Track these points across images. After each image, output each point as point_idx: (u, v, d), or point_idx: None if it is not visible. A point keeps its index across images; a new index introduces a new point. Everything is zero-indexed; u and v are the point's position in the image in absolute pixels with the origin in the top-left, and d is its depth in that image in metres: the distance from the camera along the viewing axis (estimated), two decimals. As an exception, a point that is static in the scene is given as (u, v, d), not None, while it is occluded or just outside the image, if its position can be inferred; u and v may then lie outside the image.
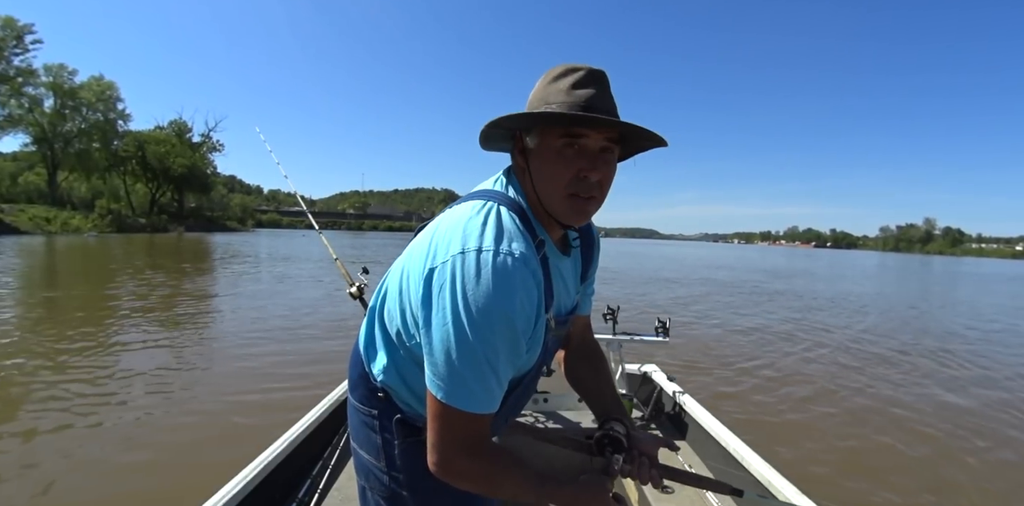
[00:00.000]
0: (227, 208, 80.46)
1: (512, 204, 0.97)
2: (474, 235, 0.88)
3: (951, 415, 5.68)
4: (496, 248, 0.86)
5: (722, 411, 5.35)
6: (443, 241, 0.91)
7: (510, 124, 0.99)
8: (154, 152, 57.28)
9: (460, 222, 0.92)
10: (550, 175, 0.95)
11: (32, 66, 45.83)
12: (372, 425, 1.10)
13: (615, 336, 3.16)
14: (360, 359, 1.12)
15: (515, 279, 0.86)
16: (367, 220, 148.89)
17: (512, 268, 0.86)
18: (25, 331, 7.78)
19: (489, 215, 0.92)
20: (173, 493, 3.34)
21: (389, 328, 1.04)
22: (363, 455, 1.13)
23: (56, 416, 4.56)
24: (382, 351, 1.06)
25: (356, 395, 1.13)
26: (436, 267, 0.88)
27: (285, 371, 6.12)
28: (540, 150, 0.96)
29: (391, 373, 1.05)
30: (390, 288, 1.06)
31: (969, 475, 4.21)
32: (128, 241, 34.78)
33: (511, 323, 0.86)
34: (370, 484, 1.13)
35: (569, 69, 0.95)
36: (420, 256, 0.95)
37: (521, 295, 0.87)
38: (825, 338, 9.79)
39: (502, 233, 0.89)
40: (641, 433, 1.21)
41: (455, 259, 0.86)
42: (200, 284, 14.16)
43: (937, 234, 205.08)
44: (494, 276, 0.84)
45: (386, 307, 1.05)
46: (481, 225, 0.90)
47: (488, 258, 0.85)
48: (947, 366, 8.08)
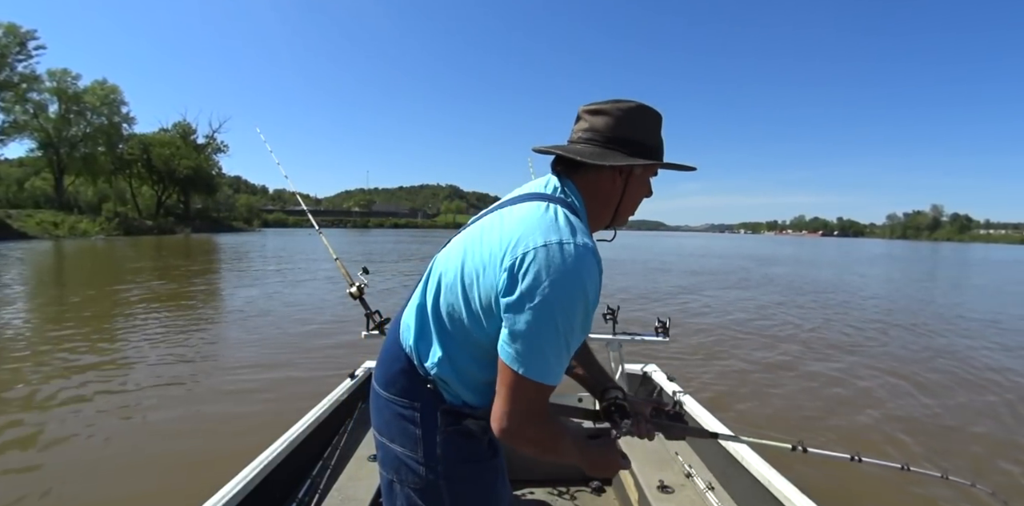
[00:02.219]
0: (233, 208, 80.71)
1: (569, 206, 1.11)
2: (552, 229, 1.01)
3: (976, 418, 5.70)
4: (574, 240, 1.00)
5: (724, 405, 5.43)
6: (523, 235, 1.02)
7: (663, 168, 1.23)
8: (159, 154, 57.37)
9: (533, 219, 1.05)
10: (638, 197, 1.24)
11: (36, 72, 45.89)
12: (411, 417, 1.15)
13: (615, 336, 3.10)
14: (403, 354, 1.17)
15: (591, 266, 1.00)
16: (372, 217, 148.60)
17: (588, 257, 1.00)
18: (47, 328, 7.92)
19: (558, 214, 1.06)
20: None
21: (446, 321, 1.12)
22: (395, 448, 1.18)
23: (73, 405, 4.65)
24: (436, 345, 1.13)
25: (394, 389, 1.18)
26: (519, 257, 0.99)
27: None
28: (641, 178, 1.20)
29: (445, 365, 1.12)
30: (446, 283, 1.12)
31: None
32: (136, 243, 34.89)
33: (588, 304, 1.00)
34: (400, 477, 1.18)
35: (659, 114, 1.20)
36: (492, 251, 1.05)
37: (596, 279, 1.01)
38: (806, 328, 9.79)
39: (575, 229, 1.03)
40: (633, 397, 1.42)
41: (539, 250, 0.98)
42: (212, 282, 14.26)
43: (945, 221, 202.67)
44: (576, 263, 0.97)
45: (442, 302, 1.12)
46: (555, 221, 1.04)
47: (570, 249, 0.98)
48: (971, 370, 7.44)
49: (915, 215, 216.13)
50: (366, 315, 2.89)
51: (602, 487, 2.86)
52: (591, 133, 1.16)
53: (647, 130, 1.17)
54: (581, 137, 1.17)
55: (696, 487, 2.43)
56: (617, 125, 1.14)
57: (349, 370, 3.27)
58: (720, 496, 2.35)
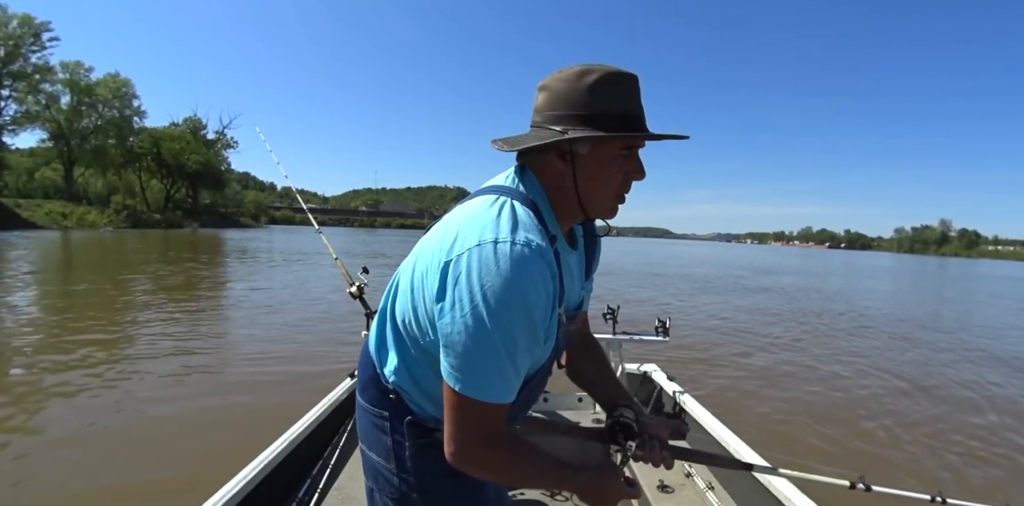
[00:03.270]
0: (241, 205, 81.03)
1: (524, 199, 0.98)
2: (490, 227, 0.89)
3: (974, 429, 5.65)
4: (513, 238, 0.87)
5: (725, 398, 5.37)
6: (458, 234, 0.91)
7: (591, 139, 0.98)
8: (169, 149, 57.70)
9: (474, 216, 0.94)
10: (605, 179, 1.00)
11: (49, 63, 46.32)
12: (383, 427, 1.09)
13: (615, 336, 3.12)
14: (371, 361, 1.12)
15: (532, 269, 0.87)
16: (379, 217, 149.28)
17: (529, 258, 0.87)
18: (58, 314, 7.94)
19: (503, 208, 0.93)
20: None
21: (400, 328, 1.04)
22: (372, 457, 1.13)
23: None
24: (393, 352, 1.06)
25: (366, 397, 1.13)
26: (452, 259, 0.89)
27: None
28: (594, 156, 0.98)
29: (403, 374, 1.06)
30: (401, 287, 1.05)
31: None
32: (143, 236, 35.14)
33: (529, 312, 0.87)
34: (379, 486, 1.13)
35: (614, 74, 0.96)
36: (433, 251, 0.95)
37: (539, 284, 0.88)
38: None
39: (518, 225, 0.90)
40: (650, 418, 1.24)
41: (472, 251, 0.87)
42: (220, 274, 14.30)
43: (953, 236, 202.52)
44: (512, 266, 0.85)
45: (397, 307, 1.05)
46: (496, 217, 0.91)
47: (505, 249, 0.86)
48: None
49: (923, 229, 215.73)
50: (366, 315, 2.91)
51: None
52: (535, 114, 1.02)
53: (590, 97, 0.95)
54: (532, 120, 1.04)
55: (696, 487, 2.47)
56: (554, 99, 0.98)
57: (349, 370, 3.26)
58: (720, 496, 2.38)
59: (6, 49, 41.72)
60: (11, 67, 42.37)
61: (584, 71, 0.96)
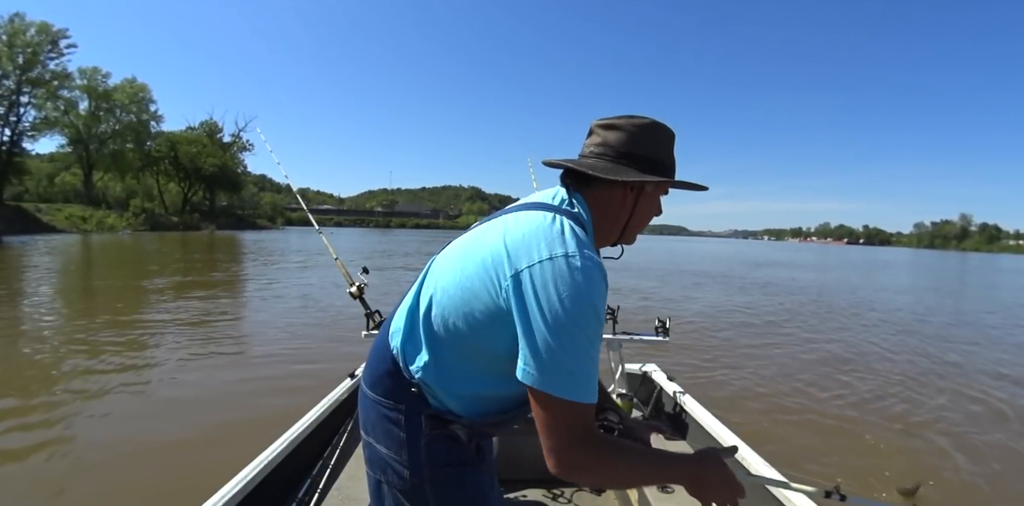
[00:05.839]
0: (257, 206, 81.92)
1: (576, 219, 1.08)
2: (558, 242, 0.99)
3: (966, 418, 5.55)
4: (581, 253, 0.98)
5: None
6: (524, 246, 1.00)
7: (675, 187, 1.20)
8: (186, 152, 58.48)
9: (539, 230, 1.02)
10: (647, 215, 1.21)
11: (67, 70, 46.78)
12: (396, 419, 1.13)
13: (615, 336, 3.09)
14: (390, 355, 1.15)
15: (599, 280, 0.98)
16: (395, 218, 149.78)
17: (595, 271, 0.98)
18: (83, 315, 8.07)
19: (564, 226, 1.03)
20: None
21: (438, 327, 1.08)
22: (381, 449, 1.16)
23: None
24: (425, 349, 1.10)
25: (380, 390, 1.16)
26: (523, 270, 0.97)
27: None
28: (651, 196, 1.18)
29: (430, 370, 1.09)
30: (443, 288, 1.09)
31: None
32: (161, 239, 35.58)
33: (600, 316, 0.98)
34: (387, 478, 1.16)
35: (671, 131, 1.18)
36: (493, 258, 1.02)
37: (603, 293, 1.00)
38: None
39: (581, 242, 1.01)
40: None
41: (545, 263, 0.96)
42: (235, 275, 14.44)
43: (973, 230, 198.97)
44: (584, 276, 0.96)
45: (436, 307, 1.09)
46: (560, 234, 1.01)
47: (576, 262, 0.96)
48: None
49: (943, 224, 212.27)
50: (366, 315, 2.92)
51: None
52: (603, 148, 1.14)
53: (659, 147, 1.15)
54: (593, 151, 1.16)
55: None
56: (630, 141, 1.13)
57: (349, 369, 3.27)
58: None
59: (25, 56, 42.21)
60: (30, 74, 42.85)
61: (656, 125, 1.16)
